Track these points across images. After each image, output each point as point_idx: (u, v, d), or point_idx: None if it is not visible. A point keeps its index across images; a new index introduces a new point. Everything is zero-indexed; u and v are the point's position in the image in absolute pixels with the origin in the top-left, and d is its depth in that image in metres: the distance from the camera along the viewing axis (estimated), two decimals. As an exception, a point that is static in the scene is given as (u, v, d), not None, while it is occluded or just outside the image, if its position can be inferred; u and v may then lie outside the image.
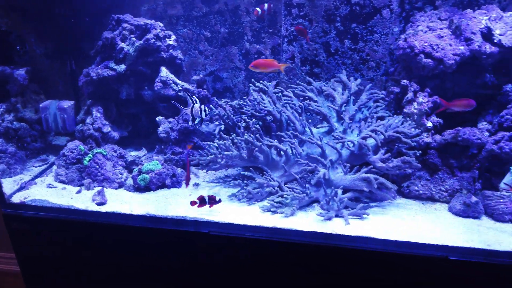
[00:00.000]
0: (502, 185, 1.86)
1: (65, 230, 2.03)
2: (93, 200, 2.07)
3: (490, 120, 2.12)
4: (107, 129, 2.42)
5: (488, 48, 2.04)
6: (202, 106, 2.00)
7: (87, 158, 2.23)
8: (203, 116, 1.99)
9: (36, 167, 2.43)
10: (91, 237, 2.02)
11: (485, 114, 2.16)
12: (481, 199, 1.96)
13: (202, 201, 1.92)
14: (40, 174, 2.36)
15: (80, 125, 2.45)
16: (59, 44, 2.55)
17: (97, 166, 2.22)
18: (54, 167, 2.43)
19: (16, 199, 2.10)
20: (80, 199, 2.11)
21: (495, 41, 2.03)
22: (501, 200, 1.91)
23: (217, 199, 1.94)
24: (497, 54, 2.04)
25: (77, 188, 2.20)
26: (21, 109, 2.43)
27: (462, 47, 2.06)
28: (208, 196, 1.93)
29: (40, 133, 2.53)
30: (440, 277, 1.76)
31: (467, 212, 1.94)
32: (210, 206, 1.94)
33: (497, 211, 1.91)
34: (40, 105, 2.42)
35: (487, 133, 2.06)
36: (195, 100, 2.02)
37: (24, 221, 2.05)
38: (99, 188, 2.15)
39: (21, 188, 2.20)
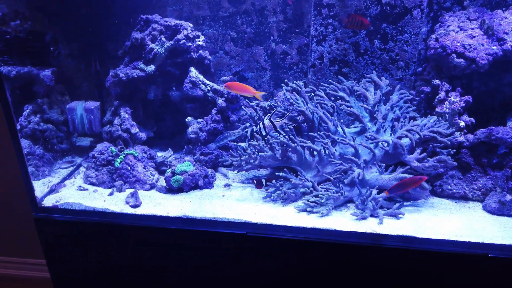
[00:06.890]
0: None
1: (100, 234, 2.01)
2: (127, 203, 2.06)
3: (520, 119, 2.14)
4: (135, 130, 2.40)
5: (520, 48, 2.06)
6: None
7: (118, 160, 2.20)
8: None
9: (63, 168, 2.40)
10: (128, 241, 2.00)
11: (515, 113, 2.18)
12: (515, 197, 1.99)
13: (259, 183, 2.13)
14: (68, 176, 2.33)
15: (108, 126, 2.43)
16: (84, 44, 2.51)
17: (129, 168, 2.20)
18: (82, 168, 2.40)
19: (48, 202, 2.07)
20: (113, 201, 2.09)
21: (528, 41, 2.05)
22: (536, 199, 1.93)
23: (273, 182, 2.12)
24: (529, 54, 2.07)
25: (109, 190, 2.17)
26: (47, 110, 2.40)
27: (495, 47, 2.07)
28: (265, 178, 2.15)
29: (66, 134, 2.50)
30: (481, 274, 1.78)
31: (502, 210, 1.96)
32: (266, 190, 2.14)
33: (532, 209, 1.93)
34: (67, 106, 2.38)
35: (517, 132, 2.08)
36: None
37: (57, 225, 2.02)
38: (132, 190, 2.13)
39: (51, 191, 2.17)
